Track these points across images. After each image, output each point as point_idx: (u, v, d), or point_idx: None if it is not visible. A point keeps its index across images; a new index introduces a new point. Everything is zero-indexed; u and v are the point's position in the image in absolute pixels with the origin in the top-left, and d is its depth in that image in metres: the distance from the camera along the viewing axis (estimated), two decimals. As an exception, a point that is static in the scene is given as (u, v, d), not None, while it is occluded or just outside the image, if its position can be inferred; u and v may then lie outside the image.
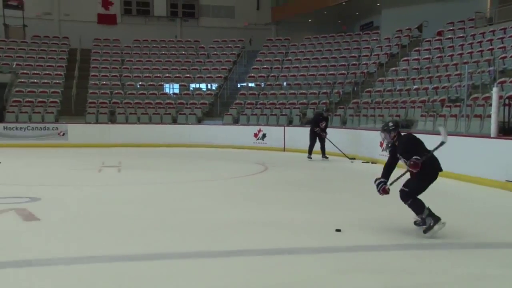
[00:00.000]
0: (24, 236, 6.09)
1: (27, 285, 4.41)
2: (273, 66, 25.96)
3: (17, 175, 12.09)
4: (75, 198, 8.76)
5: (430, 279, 4.69)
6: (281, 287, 4.41)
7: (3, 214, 7.17)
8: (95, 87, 24.36)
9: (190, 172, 13.11)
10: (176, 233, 6.28)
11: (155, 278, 4.62)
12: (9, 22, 27.58)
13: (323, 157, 15.35)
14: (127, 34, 28.76)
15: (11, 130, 20.42)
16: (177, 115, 22.93)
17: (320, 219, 7.20)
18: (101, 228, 6.54)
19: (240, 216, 7.26)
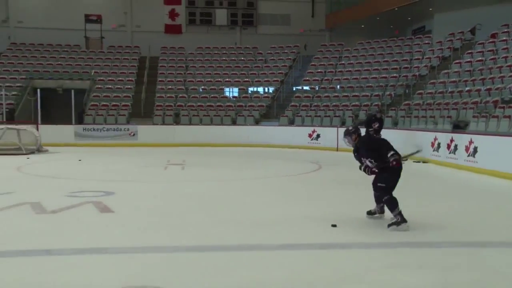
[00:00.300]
0: (100, 226, 6.32)
1: (102, 269, 4.59)
2: (327, 70, 25.71)
3: (94, 171, 12.48)
4: (144, 193, 8.97)
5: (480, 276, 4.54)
6: (333, 280, 4.39)
7: (83, 206, 7.47)
8: (162, 92, 24.91)
9: (249, 170, 13.18)
10: (235, 226, 6.35)
11: (214, 268, 4.68)
12: (89, 34, 28.65)
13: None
14: (191, 42, 29.21)
15: (89, 131, 21.17)
16: (236, 116, 23.11)
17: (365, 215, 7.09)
18: (167, 220, 6.69)
19: (294, 212, 7.25)
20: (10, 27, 29.51)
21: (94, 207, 7.38)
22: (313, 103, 23.04)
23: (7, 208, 7.28)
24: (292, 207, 7.74)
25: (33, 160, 14.52)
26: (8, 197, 8.18)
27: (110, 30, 29.42)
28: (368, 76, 23.74)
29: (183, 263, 4.83)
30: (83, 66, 26.57)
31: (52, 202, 7.64)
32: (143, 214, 7.09)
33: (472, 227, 6.48)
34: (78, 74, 25.74)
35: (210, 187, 9.87)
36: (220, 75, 26.44)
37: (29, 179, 10.86)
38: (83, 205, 7.55)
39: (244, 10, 31.15)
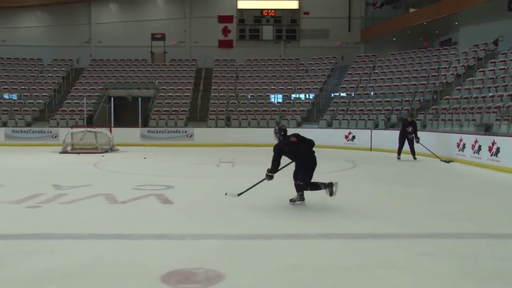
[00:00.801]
0: (162, 215, 6.47)
1: (162, 252, 4.70)
2: (361, 78, 25.30)
3: (156, 168, 12.70)
4: (199, 187, 9.11)
5: (500, 264, 4.37)
6: (365, 266, 4.34)
7: (147, 198, 7.66)
8: (215, 98, 25.19)
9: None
10: (279, 217, 6.36)
11: (261, 254, 4.71)
12: (154, 50, 29.36)
13: (413, 158, 14.11)
14: (241, 55, 29.42)
15: (153, 133, 21.66)
16: (280, 120, 23.09)
17: (400, 208, 6.96)
18: (219, 211, 6.76)
19: (333, 205, 7.20)
20: (92, 46, 30.73)
21: (157, 199, 7.54)
22: (349, 108, 22.72)
23: (86, 198, 7.56)
24: (331, 200, 7.66)
25: (107, 158, 14.98)
26: (86, 189, 8.50)
27: (172, 46, 30.04)
28: (399, 83, 23.21)
29: (233, 249, 4.87)
30: (149, 77, 27.24)
31: (122, 194, 7.86)
32: (199, 205, 7.20)
33: (494, 219, 6.24)
34: (145, 84, 26.38)
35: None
36: (266, 83, 26.49)
37: (103, 174, 11.19)
38: (147, 197, 7.72)
39: (288, 26, 31.07)
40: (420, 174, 11.76)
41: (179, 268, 4.18)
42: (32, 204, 7.01)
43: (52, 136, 21.32)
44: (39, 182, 9.32)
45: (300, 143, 7.06)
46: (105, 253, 4.67)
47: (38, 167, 12.62)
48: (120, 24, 30.86)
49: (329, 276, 4.07)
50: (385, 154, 16.53)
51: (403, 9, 28.18)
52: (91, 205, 7.09)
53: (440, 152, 14.28)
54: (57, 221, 6.05)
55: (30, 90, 25.85)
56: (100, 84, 26.31)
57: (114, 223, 5.98)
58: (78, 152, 16.69)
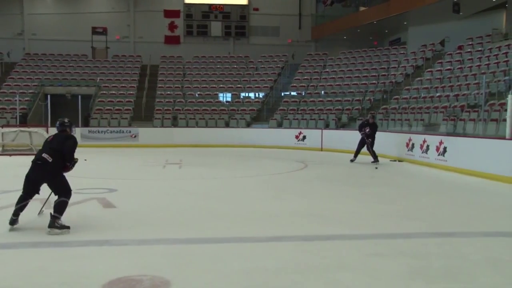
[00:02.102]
0: (103, 221, 6.28)
1: (104, 260, 4.56)
2: (312, 77, 25.77)
3: (98, 170, 12.39)
4: (144, 190, 8.94)
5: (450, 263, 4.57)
6: (320, 268, 4.39)
7: (87, 202, 7.43)
8: (161, 97, 24.83)
9: (241, 169, 13.17)
10: (227, 221, 6.34)
11: (209, 259, 4.67)
12: (96, 45, 28.55)
13: (374, 161, 13.69)
14: (189, 51, 29.19)
15: (94, 133, 21.05)
16: (229, 119, 23.09)
17: (350, 209, 7.12)
18: (165, 215, 6.66)
19: (283, 207, 7.26)
20: (25, 39, 29.39)
21: (98, 203, 7.34)
22: (300, 107, 23.07)
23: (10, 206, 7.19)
24: (281, 202, 7.74)
25: (43, 160, 14.39)
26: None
27: (115, 41, 29.33)
28: (350, 82, 23.83)
29: (181, 254, 4.80)
30: (90, 74, 26.46)
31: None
32: (144, 209, 7.05)
33: (443, 219, 6.52)
34: (85, 81, 25.62)
35: (206, 184, 9.87)
36: (215, 81, 26.42)
37: (39, 177, 10.75)
38: (88, 201, 7.51)
39: (237, 22, 31.13)
40: (371, 174, 12.09)
41: (123, 276, 4.07)
42: (-43, 211, 6.59)
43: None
44: (-34, 186, 8.80)
45: (45, 144, 5.90)
46: (42, 263, 4.47)
47: (-36, 170, 11.93)
48: (58, 15, 29.71)
49: (282, 279, 4.09)
50: (336, 154, 16.91)
51: (354, 8, 28.99)
52: (25, 211, 6.72)
53: (390, 152, 14.77)
54: (-14, 229, 5.72)
55: (-45, 86, 24.41)
56: (35, 80, 25.24)
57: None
58: (10, 154, 15.95)
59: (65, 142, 5.80)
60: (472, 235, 5.68)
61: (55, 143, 5.75)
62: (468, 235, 5.70)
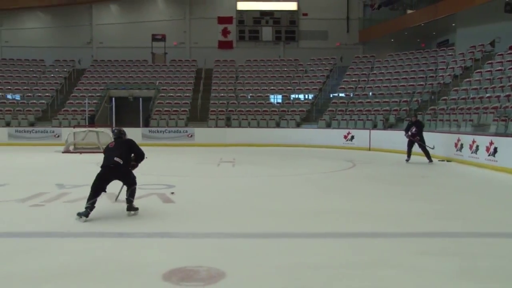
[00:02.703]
0: (163, 214, 6.49)
1: (166, 251, 4.72)
2: (360, 79, 25.33)
3: (158, 168, 12.64)
4: (200, 187, 9.12)
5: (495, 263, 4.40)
6: (364, 264, 4.37)
7: (148, 197, 7.68)
8: (215, 99, 25.20)
9: (291, 167, 13.16)
10: (277, 216, 6.38)
11: (259, 252, 4.74)
12: (155, 51, 29.36)
13: (429, 162, 13.26)
14: (241, 56, 29.43)
15: (154, 133, 21.66)
16: (280, 120, 23.10)
17: (396, 207, 6.99)
18: (220, 210, 6.78)
19: (330, 204, 7.22)
20: (93, 47, 30.72)
21: (158, 198, 7.56)
22: (348, 108, 22.75)
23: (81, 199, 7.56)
24: (328, 200, 7.70)
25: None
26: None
27: (172, 46, 30.03)
28: (397, 84, 23.24)
29: (235, 247, 4.89)
30: (150, 78, 27.25)
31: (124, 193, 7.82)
32: (200, 204, 7.21)
33: (490, 219, 6.27)
34: (145, 84, 26.41)
35: (257, 182, 9.94)
36: (266, 84, 26.49)
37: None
38: (149, 196, 7.74)
39: (287, 27, 31.07)
40: (418, 174, 11.77)
41: (181, 266, 4.20)
42: (36, 202, 7.03)
43: (54, 136, 21.33)
44: (42, 181, 9.35)
45: (110, 150, 6.58)
46: (107, 252, 4.69)
47: (41, 166, 12.65)
48: (121, 25, 30.84)
49: (327, 274, 4.10)
50: (383, 154, 16.57)
51: (401, 11, 28.20)
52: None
53: (438, 152, 14.30)
54: (60, 219, 6.07)
55: (33, 91, 25.86)
56: (101, 84, 26.32)
57: (117, 221, 6.01)
58: (80, 151, 16.71)
59: (131, 146, 6.73)
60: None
61: (122, 148, 6.59)
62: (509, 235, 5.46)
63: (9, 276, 3.99)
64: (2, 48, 30.69)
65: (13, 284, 3.84)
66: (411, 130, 13.75)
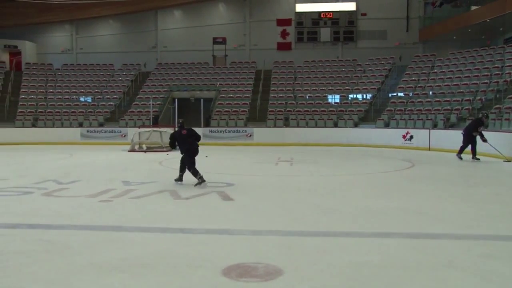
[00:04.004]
0: (223, 212, 6.54)
1: (224, 247, 4.75)
2: (420, 78, 24.37)
3: (218, 166, 12.81)
4: (259, 185, 9.10)
5: None
6: (426, 266, 4.16)
7: (209, 194, 7.78)
8: (274, 99, 25.21)
9: (348, 167, 12.91)
10: (333, 216, 6.26)
11: (319, 251, 4.65)
12: (216, 53, 29.90)
13: (474, 158, 13.30)
14: (299, 56, 29.27)
15: (214, 133, 22.06)
16: (338, 120, 22.73)
17: (461, 209, 6.62)
18: (277, 208, 6.75)
19: (389, 204, 6.98)
20: (158, 51, 31.77)
21: (218, 196, 7.64)
22: (407, 108, 21.96)
23: (152, 194, 7.81)
24: (388, 199, 7.45)
25: (171, 156, 15.29)
26: (153, 185, 8.78)
27: (232, 49, 30.42)
28: (459, 83, 22.12)
29: (292, 245, 4.83)
30: (211, 79, 27.76)
31: (185, 191, 8.04)
32: (258, 202, 7.21)
33: None
34: (206, 86, 26.92)
35: (314, 181, 9.81)
36: (324, 84, 26.16)
37: (168, 172, 11.40)
38: (209, 193, 7.84)
39: (346, 27, 30.49)
40: (483, 174, 11.14)
41: (240, 262, 4.20)
42: (105, 198, 7.34)
43: (121, 135, 22.28)
44: (110, 178, 9.74)
45: (188, 137, 8.94)
46: (171, 246, 4.79)
47: (109, 164, 13.19)
48: (184, 29, 31.65)
49: (388, 275, 3.94)
50: (444, 154, 15.84)
51: (464, 8, 26.79)
52: (157, 201, 7.31)
53: (504, 152, 13.46)
54: (127, 214, 6.29)
55: (103, 93, 27.20)
56: (165, 86, 27.15)
57: (179, 218, 6.13)
58: (145, 150, 17.25)
59: (195, 132, 9.19)
60: None
61: (191, 134, 9.08)
62: None
63: (87, 264, 4.17)
64: (77, 55, 32.47)
65: (87, 272, 4.01)
66: (479, 129, 13.17)
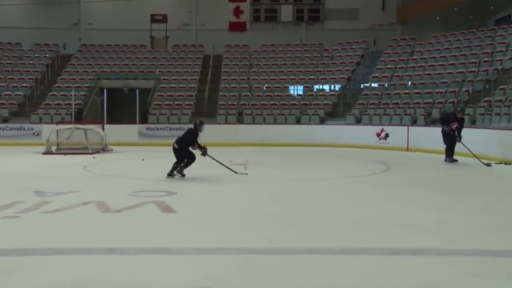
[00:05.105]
0: (163, 226, 6.43)
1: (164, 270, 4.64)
2: (397, 66, 25.08)
3: (157, 171, 12.61)
4: (206, 193, 9.06)
5: None
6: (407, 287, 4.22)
7: (144, 206, 7.62)
8: (225, 90, 25.21)
9: (314, 171, 13.06)
10: (299, 229, 6.28)
11: (279, 272, 4.64)
12: (155, 34, 29.55)
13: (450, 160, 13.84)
14: (256, 39, 29.41)
15: (153, 131, 21.75)
16: (301, 115, 23.00)
17: (445, 219, 6.82)
18: (230, 221, 6.71)
19: (364, 215, 7.09)
20: (81, 29, 30.99)
21: (157, 207, 7.51)
22: (382, 101, 22.54)
23: (73, 206, 7.55)
24: (361, 209, 7.57)
25: (98, 160, 15.03)
26: (74, 195, 8.51)
27: (175, 29, 30.16)
28: (443, 71, 22.92)
29: (247, 265, 4.80)
30: (148, 66, 27.41)
31: (116, 201, 7.85)
32: (206, 214, 7.15)
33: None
34: (143, 73, 26.57)
35: (274, 188, 9.84)
36: (285, 72, 26.43)
37: (94, 178, 11.21)
38: (145, 204, 7.70)
39: (311, 5, 30.96)
40: (470, 179, 11.55)
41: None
42: (9, 214, 7.00)
43: (33, 133, 21.53)
44: (18, 188, 9.36)
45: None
46: (97, 271, 4.63)
47: (16, 170, 12.71)
48: (115, 3, 31.07)
49: (363, 300, 3.96)
50: (425, 155, 16.34)
51: (450, -17, 27.74)
52: (80, 215, 7.08)
53: (493, 153, 14.04)
54: (39, 234, 6.03)
55: (7, 80, 26.03)
56: (91, 73, 26.52)
57: (107, 235, 5.96)
58: (65, 152, 16.81)
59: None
60: None
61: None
62: None
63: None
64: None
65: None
66: (451, 125, 13.62)
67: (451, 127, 13.68)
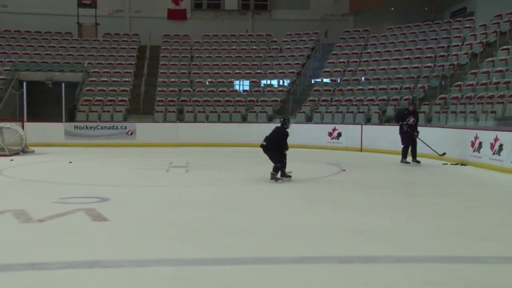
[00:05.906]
0: (93, 237, 6.31)
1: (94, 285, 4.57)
2: (350, 60, 25.63)
3: (86, 175, 12.51)
4: (143, 199, 8.97)
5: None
6: (359, 298, 4.33)
7: (73, 214, 7.47)
8: (164, 85, 25.02)
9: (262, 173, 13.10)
10: (246, 237, 6.31)
11: (222, 283, 4.65)
12: (82, 21, 28.95)
13: (414, 161, 14.15)
14: (197, 29, 29.36)
15: (81, 130, 21.32)
16: (247, 113, 23.13)
17: (401, 225, 7.02)
18: (169, 230, 6.67)
19: (315, 220, 7.20)
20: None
21: (86, 215, 7.38)
22: (334, 98, 22.97)
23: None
24: (312, 214, 7.68)
25: (17, 162, 14.60)
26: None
27: (106, 15, 29.67)
28: (398, 66, 23.62)
29: (189, 278, 4.79)
30: (76, 56, 26.81)
31: (39, 210, 7.66)
32: (142, 223, 7.08)
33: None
34: (70, 65, 25.99)
35: (218, 192, 9.87)
36: (229, 66, 26.48)
37: (12, 184, 10.89)
38: (73, 213, 7.56)
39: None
40: (426, 181, 11.93)
41: (116, 306, 4.08)
42: None
43: None
44: None
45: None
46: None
47: None
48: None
49: (314, 313, 4.03)
50: (380, 156, 16.77)
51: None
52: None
53: (449, 153, 14.54)
54: None
55: None
56: (6, 63, 25.70)
57: (28, 248, 5.80)
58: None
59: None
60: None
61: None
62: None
63: None
64: None
65: None
66: (408, 121, 14.00)
67: (408, 123, 14.01)
